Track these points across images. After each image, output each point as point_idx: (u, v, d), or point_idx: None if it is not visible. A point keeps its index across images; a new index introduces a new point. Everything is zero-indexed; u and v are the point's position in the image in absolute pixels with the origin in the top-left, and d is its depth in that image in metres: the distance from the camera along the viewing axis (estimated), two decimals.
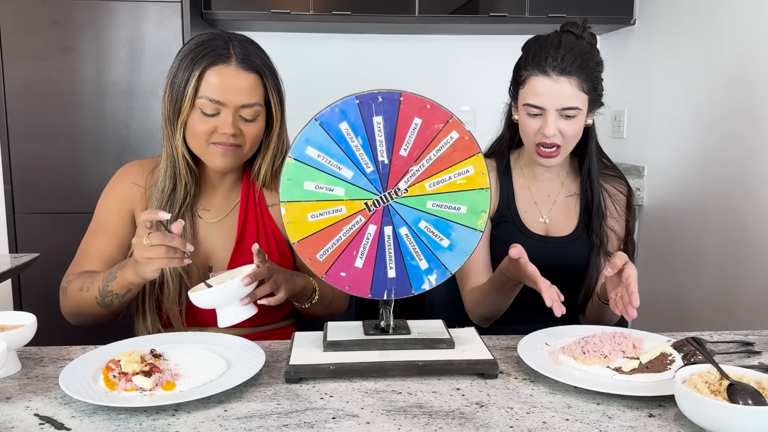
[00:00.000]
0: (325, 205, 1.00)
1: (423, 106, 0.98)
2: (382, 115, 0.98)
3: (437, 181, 1.01)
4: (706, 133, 2.22)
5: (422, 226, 1.02)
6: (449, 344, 1.03)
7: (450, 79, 3.08)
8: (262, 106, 1.25)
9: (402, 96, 0.98)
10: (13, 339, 0.97)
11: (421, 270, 1.03)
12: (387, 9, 2.70)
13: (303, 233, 1.01)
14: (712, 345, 1.10)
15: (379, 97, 0.97)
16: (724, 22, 2.13)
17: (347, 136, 0.98)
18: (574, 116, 1.30)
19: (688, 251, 2.32)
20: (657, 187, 2.54)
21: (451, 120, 0.99)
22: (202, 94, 1.20)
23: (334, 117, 0.98)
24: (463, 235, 1.02)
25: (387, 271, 1.03)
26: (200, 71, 1.20)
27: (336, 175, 0.99)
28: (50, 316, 2.34)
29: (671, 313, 2.44)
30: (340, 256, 1.02)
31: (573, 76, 1.28)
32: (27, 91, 2.36)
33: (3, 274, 1.71)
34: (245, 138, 1.24)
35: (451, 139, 0.99)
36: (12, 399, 0.91)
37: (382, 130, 0.99)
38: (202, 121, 1.21)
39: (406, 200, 1.01)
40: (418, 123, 0.98)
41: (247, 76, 1.22)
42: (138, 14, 2.37)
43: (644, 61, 2.66)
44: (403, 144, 0.99)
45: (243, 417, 0.85)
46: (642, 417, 0.86)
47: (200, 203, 1.33)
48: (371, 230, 1.01)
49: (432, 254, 1.02)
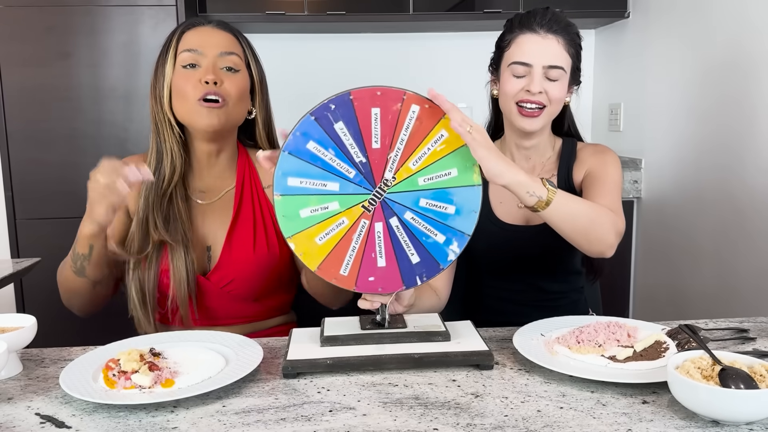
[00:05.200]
0: (327, 224, 1.02)
1: (374, 95, 0.99)
2: (341, 120, 0.99)
3: (418, 157, 1.01)
4: (702, 125, 2.22)
5: (424, 204, 1.03)
6: (445, 336, 1.04)
7: (446, 76, 3.09)
8: (241, 59, 1.28)
9: (351, 94, 0.99)
10: (14, 341, 0.99)
11: (440, 244, 1.04)
12: (381, 8, 2.71)
13: (318, 258, 1.02)
14: (707, 332, 1.11)
15: (331, 105, 0.98)
16: (718, 14, 2.13)
17: (319, 153, 1.00)
18: (557, 79, 1.29)
19: (685, 242, 2.33)
20: (654, 179, 2.55)
21: (406, 96, 1.00)
22: (181, 49, 1.25)
23: (300, 141, 0.99)
24: (465, 196, 1.03)
25: (410, 259, 1.04)
26: (179, 34, 1.27)
27: (324, 192, 1.01)
28: (52, 319, 2.36)
29: (670, 304, 2.44)
30: (362, 264, 1.03)
31: (560, 35, 1.29)
32: (25, 97, 2.37)
33: (5, 278, 1.73)
34: (228, 91, 1.24)
35: (414, 113, 1.00)
36: (13, 399, 0.92)
37: (347, 133, 1.00)
38: (185, 77, 1.24)
39: (398, 187, 1.02)
40: (377, 112, 0.99)
41: (223, 33, 1.28)
42: (133, 18, 2.38)
43: (639, 53, 2.67)
44: (371, 138, 1.00)
45: (241, 412, 0.86)
46: (636, 404, 0.87)
47: (195, 186, 1.33)
48: (379, 228, 1.03)
49: (444, 225, 1.03)
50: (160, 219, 1.25)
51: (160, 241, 1.25)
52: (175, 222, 1.26)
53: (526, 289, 1.39)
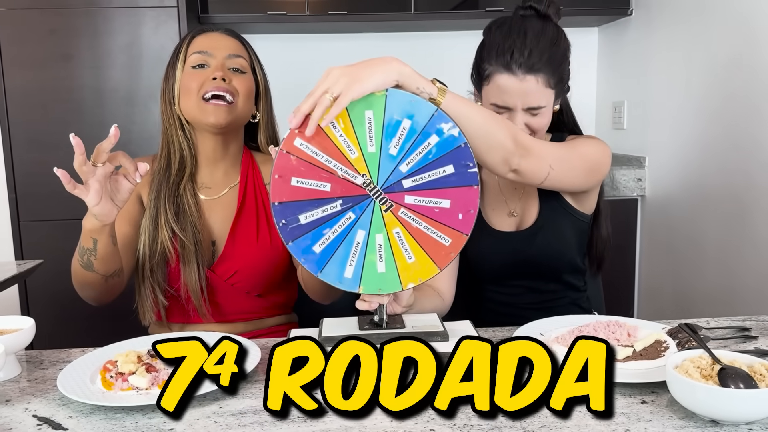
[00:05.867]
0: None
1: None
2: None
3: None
4: (706, 122, 2.21)
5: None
6: (443, 336, 1.04)
7: (449, 75, 3.06)
8: (247, 62, 1.34)
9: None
10: (12, 342, 0.99)
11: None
12: (383, 8, 2.70)
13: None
14: (708, 331, 1.10)
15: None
16: (722, 10, 2.12)
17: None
18: (538, 113, 1.25)
19: (690, 240, 2.32)
20: (658, 177, 2.54)
21: (286, 139, 0.98)
22: (191, 52, 1.30)
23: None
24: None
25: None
26: (188, 40, 1.32)
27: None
28: (56, 321, 2.37)
29: (674, 302, 2.43)
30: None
31: (540, 73, 1.22)
32: (27, 99, 2.38)
33: (8, 280, 1.73)
34: (237, 91, 1.29)
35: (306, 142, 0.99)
36: (11, 401, 0.92)
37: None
38: (193, 75, 1.28)
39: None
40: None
41: (231, 38, 1.34)
42: (135, 20, 2.39)
43: (642, 50, 2.65)
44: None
45: (237, 413, 0.86)
46: (634, 404, 0.86)
47: (201, 181, 1.36)
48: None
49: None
50: (171, 212, 1.28)
51: (171, 235, 1.28)
52: (184, 216, 1.30)
53: (524, 292, 1.38)
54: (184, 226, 1.29)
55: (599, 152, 1.29)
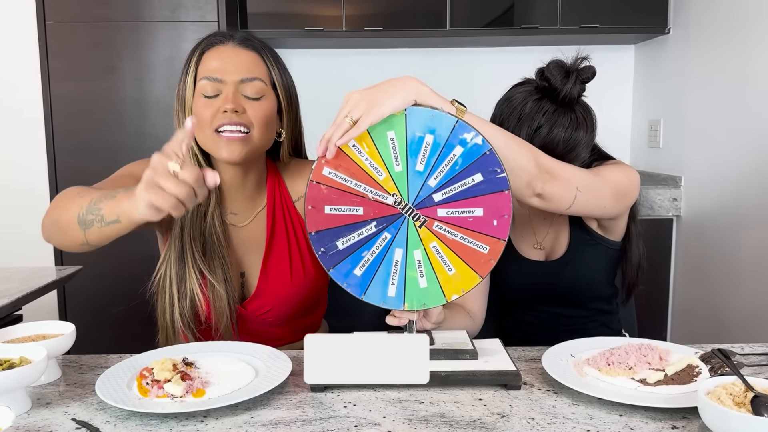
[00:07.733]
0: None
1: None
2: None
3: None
4: (743, 143, 2.18)
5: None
6: (472, 355, 1.04)
7: (482, 92, 3.07)
8: (265, 84, 1.20)
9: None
10: (53, 347, 1.02)
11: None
12: (418, 24, 2.73)
13: None
14: (742, 357, 1.08)
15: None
16: (759, 29, 2.09)
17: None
18: None
19: (725, 261, 2.28)
20: (694, 196, 2.50)
21: (315, 170, 1.00)
22: (201, 75, 1.18)
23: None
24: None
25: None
26: (198, 54, 1.21)
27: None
28: (93, 325, 2.42)
29: (709, 324, 2.39)
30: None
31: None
32: (72, 109, 2.47)
33: (48, 285, 1.78)
34: (251, 120, 1.18)
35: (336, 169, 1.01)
36: (52, 404, 0.95)
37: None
38: (205, 105, 1.17)
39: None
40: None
41: (246, 52, 1.21)
42: (177, 34, 2.45)
43: (680, 69, 2.63)
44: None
45: (268, 423, 0.88)
46: (665, 429, 0.85)
47: (227, 207, 1.29)
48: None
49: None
50: (198, 250, 1.21)
51: (199, 275, 1.21)
52: (212, 250, 1.22)
53: (553, 317, 1.38)
54: (212, 265, 1.21)
55: (627, 177, 1.26)
